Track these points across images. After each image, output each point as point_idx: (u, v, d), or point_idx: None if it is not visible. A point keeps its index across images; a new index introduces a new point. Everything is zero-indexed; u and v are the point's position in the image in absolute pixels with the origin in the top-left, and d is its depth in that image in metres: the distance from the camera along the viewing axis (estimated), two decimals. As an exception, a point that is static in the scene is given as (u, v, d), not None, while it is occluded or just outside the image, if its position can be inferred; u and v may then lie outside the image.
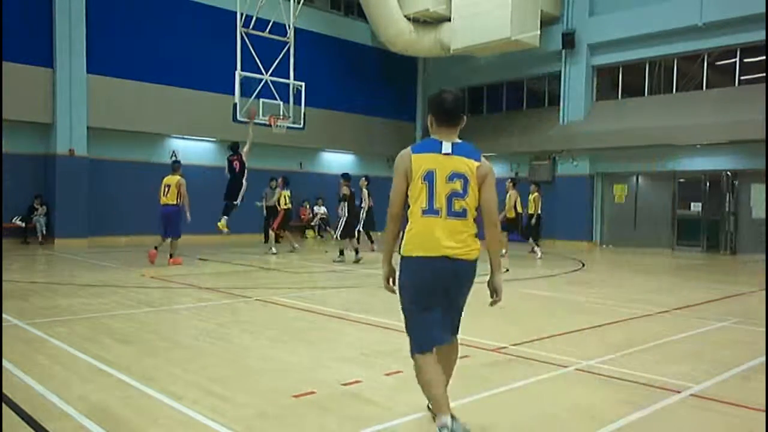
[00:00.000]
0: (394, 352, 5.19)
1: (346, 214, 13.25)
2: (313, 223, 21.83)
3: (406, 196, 3.36)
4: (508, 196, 15.56)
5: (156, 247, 11.84)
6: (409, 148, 3.43)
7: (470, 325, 6.44)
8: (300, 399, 3.92)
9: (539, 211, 16.50)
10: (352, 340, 5.54)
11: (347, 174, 14.01)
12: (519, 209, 15.49)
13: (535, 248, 15.48)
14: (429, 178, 3.30)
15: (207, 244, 16.48)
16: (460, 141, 3.42)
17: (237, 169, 13.86)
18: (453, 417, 3.20)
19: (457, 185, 3.31)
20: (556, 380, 4.48)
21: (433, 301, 3.33)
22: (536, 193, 16.67)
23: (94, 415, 3.55)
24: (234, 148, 14.43)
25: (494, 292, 3.47)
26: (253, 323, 6.54)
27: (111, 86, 16.99)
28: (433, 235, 3.27)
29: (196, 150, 19.21)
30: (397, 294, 3.41)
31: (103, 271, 11.00)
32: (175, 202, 11.61)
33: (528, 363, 4.93)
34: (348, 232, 13.36)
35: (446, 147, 3.34)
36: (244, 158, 13.79)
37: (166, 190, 11.72)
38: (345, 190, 13.41)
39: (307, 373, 4.54)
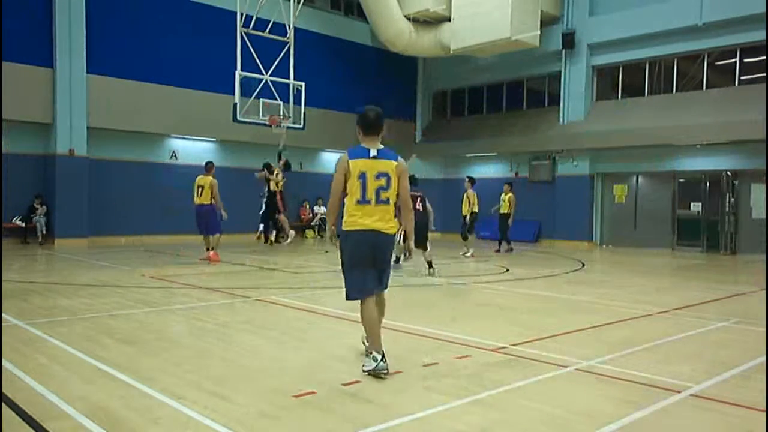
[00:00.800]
0: (394, 352, 5.19)
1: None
2: (313, 223, 21.84)
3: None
4: (465, 195, 15.15)
5: (207, 248, 12.37)
6: (346, 153, 4.59)
7: (470, 325, 6.48)
8: (300, 399, 3.92)
9: (511, 211, 16.57)
10: (352, 340, 5.54)
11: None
12: (475, 209, 15.18)
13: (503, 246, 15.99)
14: (362, 177, 4.51)
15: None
16: (382, 147, 4.63)
17: (269, 191, 14.85)
18: (383, 355, 4.43)
19: (383, 181, 4.55)
20: (556, 380, 4.48)
21: (366, 262, 4.57)
22: (511, 194, 16.65)
23: (94, 415, 3.55)
24: (268, 167, 15.04)
25: (408, 251, 4.98)
26: (253, 323, 6.53)
27: (111, 86, 17.00)
28: (366, 217, 4.53)
29: (196, 150, 19.22)
30: (339, 257, 4.70)
31: (103, 271, 11.00)
32: (208, 202, 12.01)
33: (528, 363, 4.93)
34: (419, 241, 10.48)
35: (373, 152, 4.57)
36: (272, 185, 14.83)
37: (200, 190, 12.10)
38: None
39: (307, 373, 4.54)
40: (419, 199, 10.85)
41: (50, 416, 3.53)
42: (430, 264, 11.12)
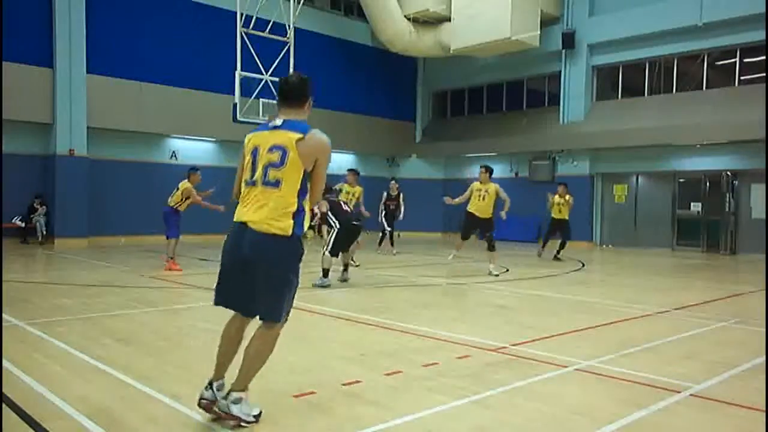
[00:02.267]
0: (394, 352, 5.19)
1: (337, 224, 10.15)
2: (312, 223, 21.83)
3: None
4: (492, 190, 11.82)
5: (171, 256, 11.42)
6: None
7: (470, 325, 6.48)
8: (300, 399, 3.92)
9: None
10: (352, 340, 5.54)
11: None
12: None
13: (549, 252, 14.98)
14: (255, 152, 3.42)
15: (207, 244, 16.46)
16: (296, 120, 3.49)
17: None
18: (209, 385, 3.53)
19: (275, 156, 3.35)
20: (556, 380, 4.48)
21: (231, 265, 3.46)
22: (569, 195, 15.31)
23: (94, 415, 3.55)
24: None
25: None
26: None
27: (111, 86, 16.99)
28: (244, 204, 3.41)
29: (196, 150, 19.21)
30: None
31: (103, 271, 11.00)
32: (170, 204, 11.10)
33: (528, 363, 4.92)
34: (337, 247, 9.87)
35: (276, 122, 3.46)
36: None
37: (174, 192, 11.20)
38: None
39: (307, 373, 4.54)
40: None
41: (50, 416, 3.53)
42: (345, 267, 10.04)
